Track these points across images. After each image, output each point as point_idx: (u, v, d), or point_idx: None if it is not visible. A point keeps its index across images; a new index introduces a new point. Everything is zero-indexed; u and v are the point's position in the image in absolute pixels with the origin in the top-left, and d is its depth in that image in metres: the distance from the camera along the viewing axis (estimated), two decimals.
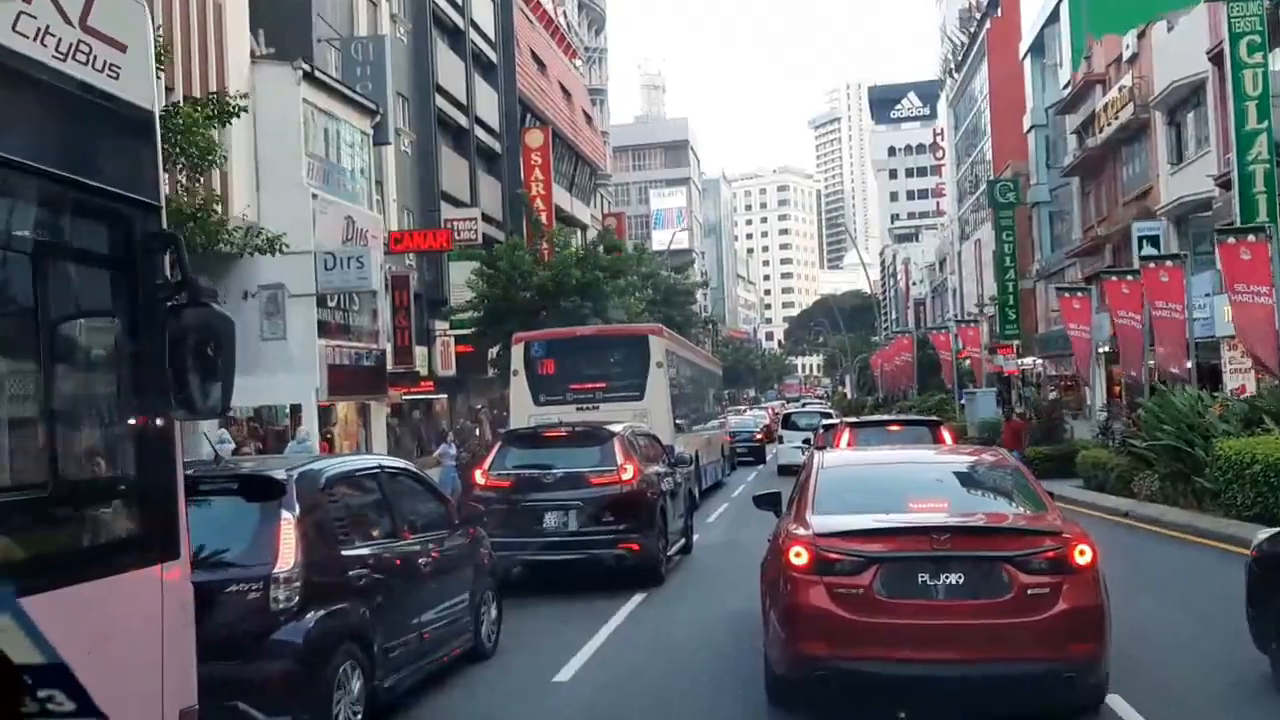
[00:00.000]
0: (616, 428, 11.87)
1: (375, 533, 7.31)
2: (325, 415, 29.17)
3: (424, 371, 32.39)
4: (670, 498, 12.60)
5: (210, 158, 10.92)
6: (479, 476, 11.58)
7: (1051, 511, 6.69)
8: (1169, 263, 16.60)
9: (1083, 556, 6.12)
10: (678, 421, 19.11)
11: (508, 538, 9.75)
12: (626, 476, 11.19)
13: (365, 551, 6.93)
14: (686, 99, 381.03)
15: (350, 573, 6.60)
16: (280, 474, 6.60)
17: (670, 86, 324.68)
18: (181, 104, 10.56)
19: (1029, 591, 5.99)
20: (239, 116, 11.77)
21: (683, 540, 13.59)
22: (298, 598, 6.01)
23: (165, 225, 4.63)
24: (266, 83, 23.12)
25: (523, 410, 17.65)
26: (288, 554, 6.05)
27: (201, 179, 11.26)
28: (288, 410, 25.39)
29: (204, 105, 10.82)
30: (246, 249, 13.59)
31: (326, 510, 6.67)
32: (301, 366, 22.83)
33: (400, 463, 9.00)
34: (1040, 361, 50.41)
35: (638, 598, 10.72)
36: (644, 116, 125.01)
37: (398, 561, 7.25)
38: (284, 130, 23.04)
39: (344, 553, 6.65)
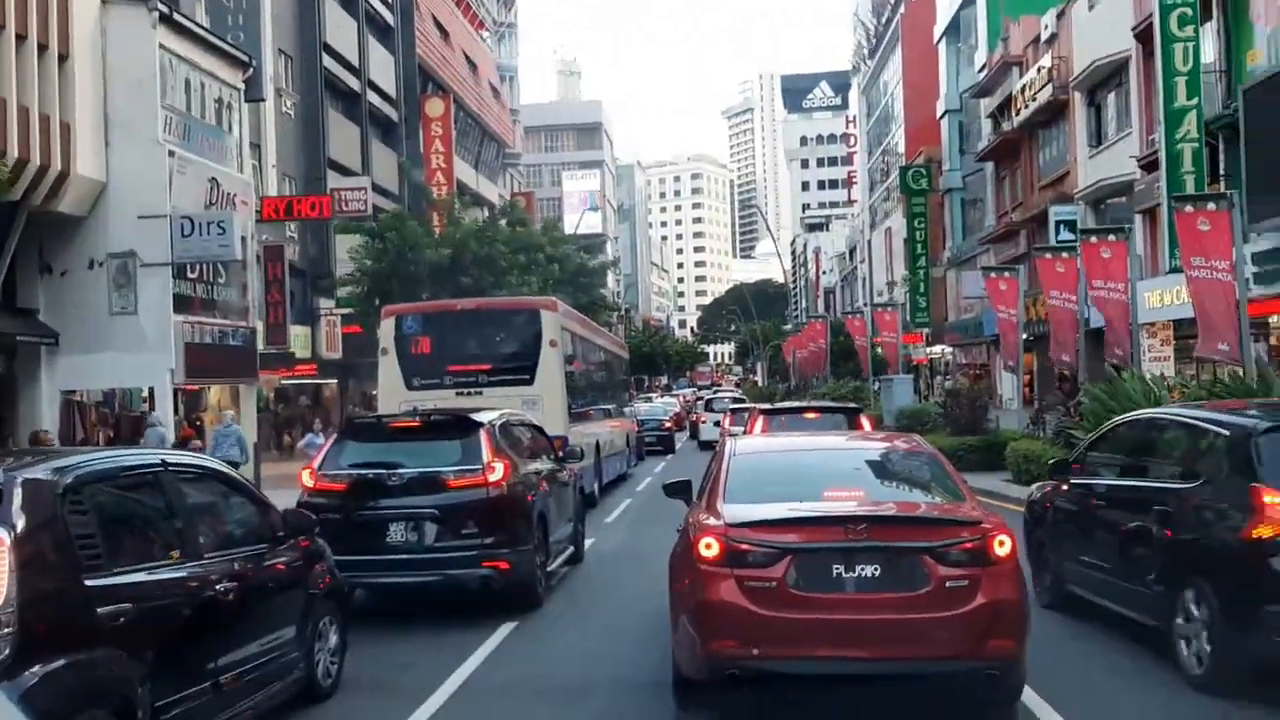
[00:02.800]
0: (485, 416, 9.77)
1: (149, 553, 5.54)
2: (195, 400, 26.86)
3: (305, 354, 30.06)
4: (555, 501, 10.64)
5: None
6: (306, 477, 9.34)
7: (969, 501, 6.43)
8: (1112, 237, 15.28)
9: (1002, 548, 5.86)
10: (574, 409, 17.24)
11: (342, 555, 7.78)
12: (495, 477, 9.01)
13: (129, 579, 5.17)
14: (601, 86, 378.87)
15: (101, 610, 4.91)
16: None
17: (585, 73, 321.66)
18: None
19: (947, 584, 5.74)
20: None
21: (571, 549, 11.62)
22: (10, 648, 4.42)
23: None
24: (118, 25, 20.65)
25: (393, 396, 15.42)
26: None
27: None
28: (145, 394, 23.03)
29: None
30: None
31: (66, 526, 4.92)
32: (155, 345, 20.59)
33: (198, 459, 7.06)
34: (949, 350, 49.95)
35: (506, 628, 8.70)
36: (559, 101, 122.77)
37: (182, 589, 5.51)
38: (138, 80, 20.64)
39: (92, 582, 4.93)
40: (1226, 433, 7.13)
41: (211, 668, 5.59)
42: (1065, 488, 8.90)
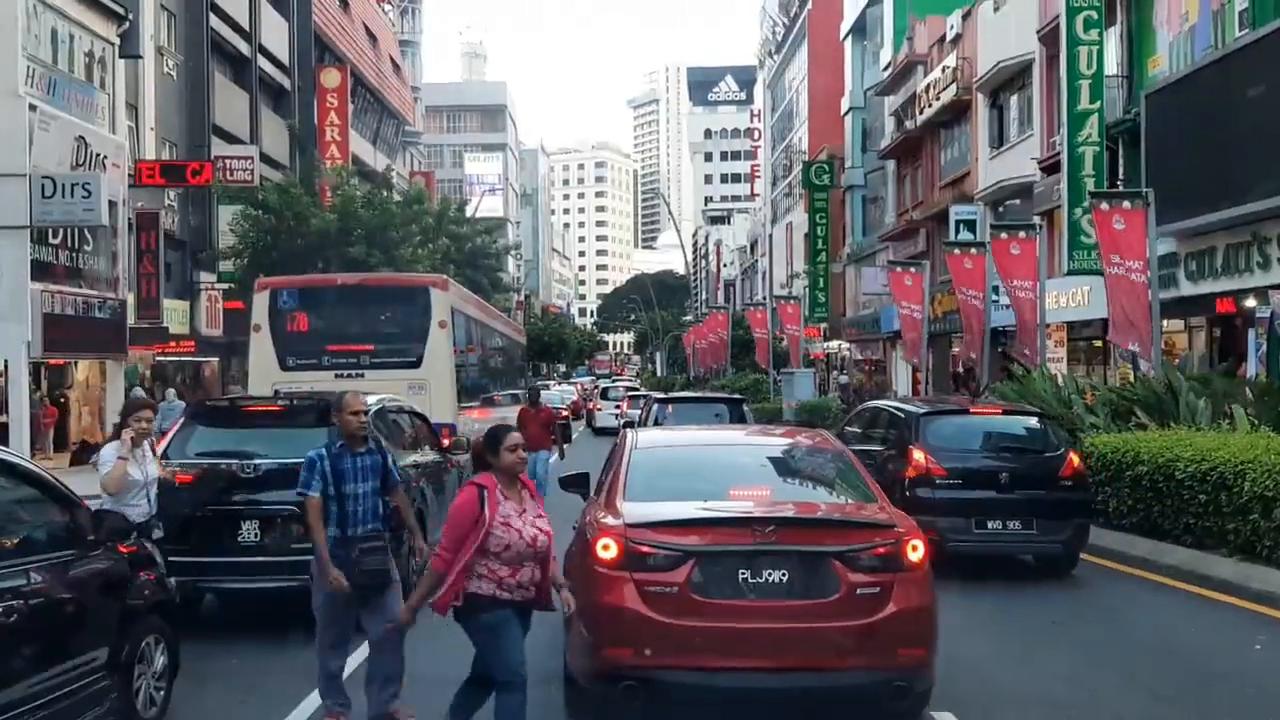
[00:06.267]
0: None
1: None
2: (61, 376, 25.20)
3: (184, 329, 28.46)
4: (436, 496, 9.79)
5: None
6: None
7: (881, 502, 6.20)
8: (1022, 234, 15.06)
9: (915, 552, 5.63)
10: (464, 395, 16.38)
11: (185, 555, 6.84)
12: None
13: None
14: (507, 69, 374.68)
15: None
16: None
17: (491, 56, 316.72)
18: None
19: (858, 591, 5.46)
20: None
21: None
22: None
23: None
24: None
25: (265, 377, 14.24)
26: None
27: None
28: (2, 366, 21.42)
29: None
30: None
31: None
32: (9, 314, 19.12)
33: None
34: (847, 345, 50.30)
35: None
36: (463, 81, 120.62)
37: None
38: None
39: None
40: (904, 416, 10.97)
41: None
42: None
